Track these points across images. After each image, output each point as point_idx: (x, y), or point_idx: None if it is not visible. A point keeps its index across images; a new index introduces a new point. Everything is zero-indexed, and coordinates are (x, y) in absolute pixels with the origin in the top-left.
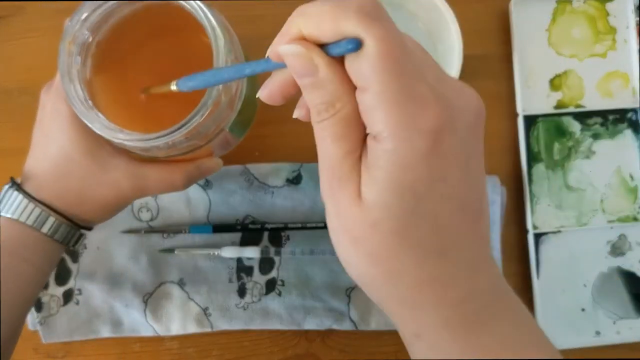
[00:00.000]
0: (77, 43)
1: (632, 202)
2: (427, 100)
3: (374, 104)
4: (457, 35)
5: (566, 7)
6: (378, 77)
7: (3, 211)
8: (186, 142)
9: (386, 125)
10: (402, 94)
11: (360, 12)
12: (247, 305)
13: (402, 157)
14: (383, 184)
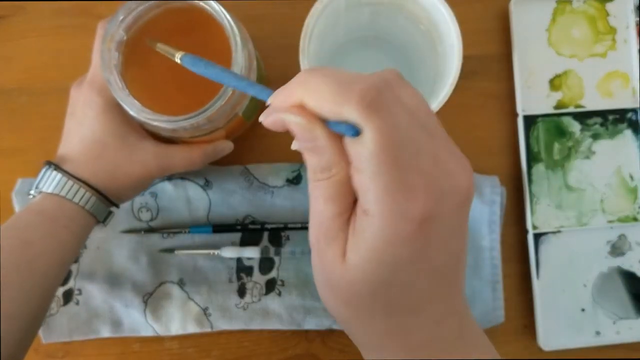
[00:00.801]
0: (115, 41)
1: (632, 202)
2: (416, 191)
3: (366, 187)
4: (457, 35)
5: (566, 7)
6: (373, 166)
7: (44, 188)
8: (208, 124)
9: (375, 207)
10: (393, 184)
11: (362, 102)
12: (247, 305)
13: (386, 236)
14: (365, 253)
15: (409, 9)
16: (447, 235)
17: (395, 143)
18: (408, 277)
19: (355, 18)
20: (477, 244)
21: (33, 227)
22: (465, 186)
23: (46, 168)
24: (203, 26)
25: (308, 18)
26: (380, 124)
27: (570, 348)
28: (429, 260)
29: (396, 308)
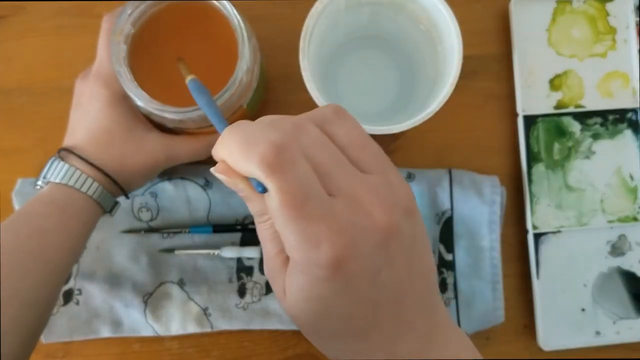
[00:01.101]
0: (123, 34)
1: (632, 202)
2: (322, 240)
3: (282, 236)
4: (457, 35)
5: (566, 7)
6: (280, 219)
7: (52, 178)
8: None
9: (291, 254)
10: (299, 235)
11: (261, 163)
12: (247, 305)
13: (307, 279)
14: (296, 291)
15: (409, 9)
16: (372, 271)
17: (297, 198)
18: (342, 310)
19: (355, 18)
20: (477, 244)
21: (45, 217)
22: (381, 224)
23: (53, 158)
24: (208, 20)
25: (308, 18)
26: (278, 183)
27: (570, 348)
28: (358, 293)
29: (341, 335)
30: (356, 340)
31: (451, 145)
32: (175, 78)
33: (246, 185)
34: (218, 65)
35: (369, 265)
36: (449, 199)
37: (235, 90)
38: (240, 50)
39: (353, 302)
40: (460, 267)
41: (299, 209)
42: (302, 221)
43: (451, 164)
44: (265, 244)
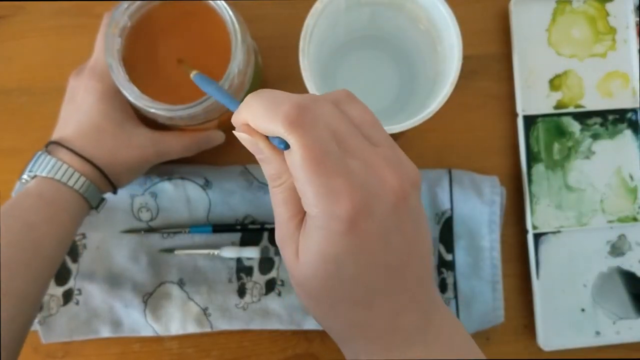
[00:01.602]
0: (119, 27)
1: (632, 202)
2: (342, 194)
3: (302, 192)
4: (457, 35)
5: (566, 7)
6: (301, 174)
7: (38, 172)
8: (203, 115)
9: (311, 209)
10: (320, 189)
11: (285, 120)
12: (247, 305)
13: (325, 234)
14: (312, 250)
15: (409, 9)
16: (385, 232)
17: (318, 153)
18: (353, 271)
19: (355, 18)
20: (477, 244)
21: (34, 210)
22: (394, 188)
23: (40, 152)
24: (204, 18)
25: (308, 18)
26: (301, 138)
27: (570, 348)
28: (371, 255)
29: (349, 301)
30: (361, 307)
31: (451, 145)
32: (169, 74)
33: (266, 144)
34: (212, 64)
35: (381, 226)
36: (448, 199)
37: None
38: (233, 52)
39: (365, 263)
40: (460, 267)
41: (320, 163)
42: (322, 175)
43: (451, 164)
44: (279, 207)
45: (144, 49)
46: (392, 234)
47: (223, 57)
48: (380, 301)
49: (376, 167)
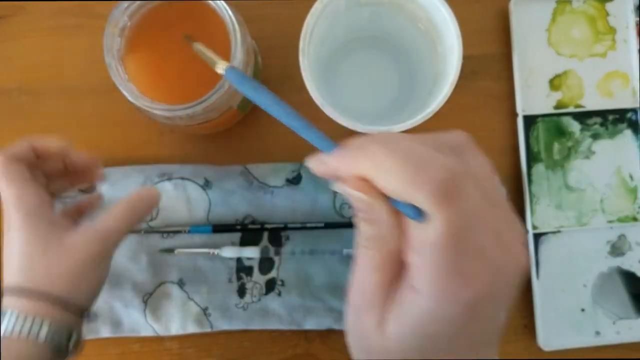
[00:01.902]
0: (118, 27)
1: (632, 202)
2: (473, 277)
3: (421, 269)
4: (457, 35)
5: (566, 7)
6: (434, 253)
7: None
8: (203, 115)
9: (426, 287)
10: (450, 270)
11: (436, 192)
12: (247, 305)
13: (432, 315)
14: (406, 326)
15: (409, 9)
16: (494, 310)
17: (460, 231)
18: (445, 347)
19: (355, 18)
20: None
21: None
22: (522, 266)
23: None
24: (204, 18)
25: (308, 18)
26: (450, 215)
27: (570, 348)
28: (470, 334)
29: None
30: None
31: None
32: (168, 74)
33: (386, 209)
34: None
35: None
36: None
37: (225, 91)
38: (233, 52)
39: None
40: None
41: (460, 243)
42: (457, 256)
43: None
44: (368, 272)
45: (144, 48)
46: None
47: (222, 57)
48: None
49: (506, 241)
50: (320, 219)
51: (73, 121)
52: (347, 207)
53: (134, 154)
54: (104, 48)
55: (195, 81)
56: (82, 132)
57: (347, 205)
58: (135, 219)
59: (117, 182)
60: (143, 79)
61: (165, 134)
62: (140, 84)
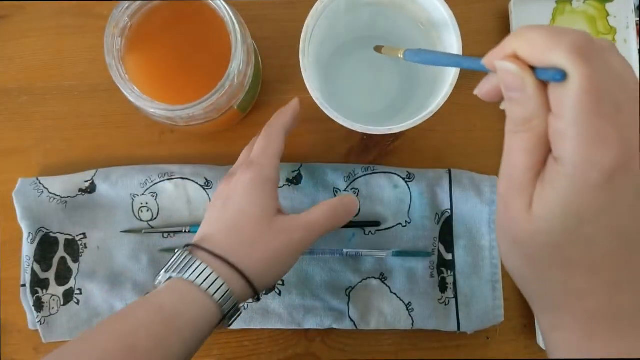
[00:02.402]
0: (119, 27)
1: None
2: (610, 141)
3: (563, 133)
4: (457, 35)
5: (566, 7)
6: (574, 112)
7: (172, 273)
8: (203, 115)
9: (569, 153)
10: (590, 131)
11: (572, 47)
12: (247, 305)
13: (575, 184)
14: (553, 202)
15: (409, 9)
16: (633, 195)
17: (600, 92)
18: (591, 231)
19: (356, 18)
20: (477, 244)
21: (144, 329)
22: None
23: (182, 250)
24: (204, 18)
25: (308, 18)
26: (587, 70)
27: None
28: (614, 217)
29: (574, 264)
30: (585, 274)
31: (451, 145)
32: (169, 75)
33: (533, 79)
34: (212, 65)
35: (633, 188)
36: (448, 199)
37: (226, 91)
38: (233, 52)
39: (607, 225)
40: (460, 267)
41: (598, 101)
42: (596, 115)
43: (451, 164)
44: (518, 155)
45: (144, 49)
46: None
47: (223, 57)
48: (605, 272)
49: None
50: None
51: (73, 121)
52: None
53: (134, 154)
54: (104, 48)
55: (196, 81)
56: (82, 132)
57: None
58: (336, 222)
59: (118, 182)
60: (143, 79)
61: (165, 134)
62: (141, 84)
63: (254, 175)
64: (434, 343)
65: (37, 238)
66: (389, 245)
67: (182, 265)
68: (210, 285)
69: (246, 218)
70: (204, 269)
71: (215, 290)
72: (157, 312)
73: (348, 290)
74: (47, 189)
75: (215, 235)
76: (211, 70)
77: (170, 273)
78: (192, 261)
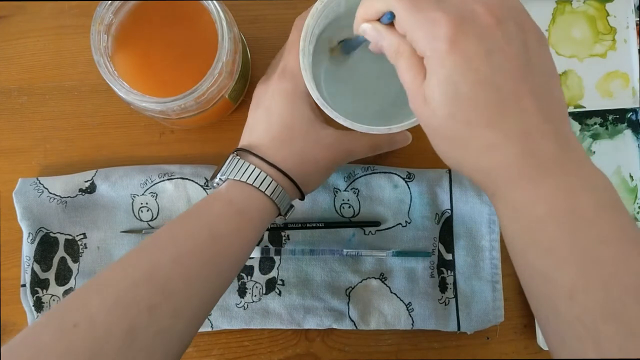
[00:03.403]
0: (104, 24)
1: (632, 202)
2: (436, 18)
3: (411, 37)
4: None
5: (566, 7)
6: (406, 21)
7: (232, 175)
8: (195, 106)
9: (420, 45)
10: (421, 23)
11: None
12: (247, 305)
13: (435, 60)
14: (432, 82)
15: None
16: (486, 52)
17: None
18: (467, 89)
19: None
20: (477, 244)
21: (223, 220)
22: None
23: (232, 155)
24: (190, 10)
25: (308, 18)
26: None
27: None
28: (477, 72)
29: (473, 124)
30: (489, 129)
31: None
32: (157, 69)
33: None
34: (200, 57)
35: (481, 45)
36: (448, 199)
37: (215, 80)
38: (220, 41)
39: (474, 80)
40: (460, 267)
41: (415, 4)
42: (420, 11)
43: None
44: (405, 74)
45: (133, 45)
46: (494, 53)
47: (210, 50)
48: (503, 123)
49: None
50: (320, 219)
51: (73, 121)
52: (347, 207)
53: (134, 154)
54: (91, 46)
55: (185, 75)
56: (82, 132)
57: (347, 205)
58: (376, 150)
59: (118, 182)
60: (134, 76)
61: (165, 134)
62: (132, 81)
63: (290, 87)
64: (434, 343)
65: (37, 238)
66: (389, 245)
67: (238, 169)
68: (267, 187)
69: (293, 131)
70: (259, 173)
71: (271, 191)
72: (230, 205)
73: (348, 291)
74: (47, 189)
75: (265, 144)
76: (200, 63)
77: (228, 175)
78: (247, 166)
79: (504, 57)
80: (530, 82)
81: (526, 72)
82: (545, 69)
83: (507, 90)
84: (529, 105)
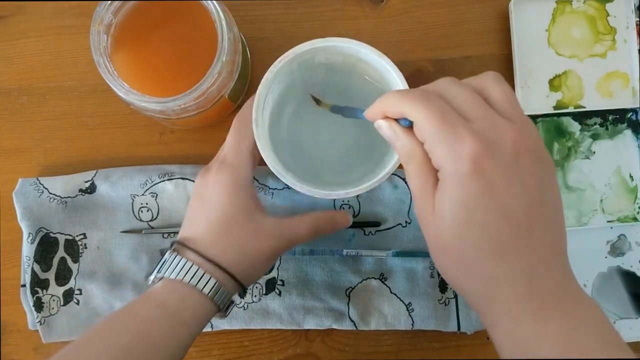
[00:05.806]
0: (103, 24)
1: (632, 202)
2: (463, 136)
3: (430, 148)
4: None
5: (566, 7)
6: (428, 132)
7: (166, 274)
8: (195, 106)
9: (439, 158)
10: (445, 137)
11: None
12: (247, 305)
13: (453, 178)
14: (444, 199)
15: (361, 67)
16: (508, 179)
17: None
18: (481, 216)
19: (311, 76)
20: None
21: (155, 323)
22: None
23: (169, 252)
24: (190, 10)
25: (260, 88)
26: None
27: None
28: (496, 199)
29: (480, 251)
30: (494, 260)
31: None
32: (157, 69)
33: (398, 125)
34: (200, 58)
35: (504, 172)
36: None
37: (215, 79)
38: (220, 41)
39: (492, 208)
40: None
41: (442, 117)
42: (446, 124)
43: None
44: (414, 180)
45: (132, 46)
46: (515, 183)
47: (210, 50)
48: (512, 256)
49: (498, 125)
50: None
51: (73, 121)
52: (347, 208)
53: (134, 154)
54: (91, 46)
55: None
56: (82, 132)
57: (347, 206)
58: (317, 235)
59: (118, 182)
60: (134, 76)
61: (165, 134)
62: (132, 81)
63: (228, 178)
64: (434, 343)
65: (37, 238)
66: (389, 245)
67: (174, 267)
68: (205, 285)
69: (233, 223)
70: (196, 270)
71: (209, 289)
72: (163, 309)
73: (348, 291)
74: (47, 189)
75: (203, 237)
76: (199, 63)
77: (164, 273)
78: (183, 263)
79: (522, 188)
80: (543, 214)
81: (540, 205)
82: (555, 201)
83: (521, 221)
84: (540, 237)
